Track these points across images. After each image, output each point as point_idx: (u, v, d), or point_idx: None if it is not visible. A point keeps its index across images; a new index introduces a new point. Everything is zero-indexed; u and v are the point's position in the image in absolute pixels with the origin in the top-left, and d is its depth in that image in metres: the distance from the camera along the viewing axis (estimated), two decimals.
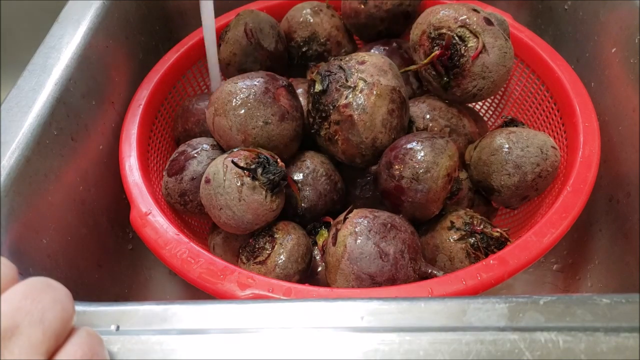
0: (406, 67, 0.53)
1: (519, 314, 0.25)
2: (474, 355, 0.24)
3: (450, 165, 0.41)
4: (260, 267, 0.42)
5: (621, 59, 0.48)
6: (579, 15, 0.56)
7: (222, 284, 0.36)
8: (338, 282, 0.38)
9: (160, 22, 0.65)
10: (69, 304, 0.22)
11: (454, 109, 0.49)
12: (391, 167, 0.42)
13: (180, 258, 0.38)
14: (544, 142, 0.45)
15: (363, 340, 0.25)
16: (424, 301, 0.26)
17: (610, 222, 0.50)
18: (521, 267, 0.36)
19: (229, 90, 0.44)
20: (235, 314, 0.26)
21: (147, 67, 0.56)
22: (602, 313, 0.25)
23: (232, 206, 0.40)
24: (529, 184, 0.44)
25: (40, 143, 0.40)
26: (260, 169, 0.41)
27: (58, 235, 0.41)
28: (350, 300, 0.27)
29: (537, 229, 0.38)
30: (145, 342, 0.25)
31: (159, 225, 0.41)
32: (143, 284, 0.55)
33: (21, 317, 0.20)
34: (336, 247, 0.39)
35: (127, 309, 0.27)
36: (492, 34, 0.44)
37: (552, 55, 0.52)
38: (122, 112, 0.52)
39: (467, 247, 0.41)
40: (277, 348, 0.25)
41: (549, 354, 0.24)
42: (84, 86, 0.47)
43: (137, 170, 0.46)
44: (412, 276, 0.38)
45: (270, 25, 0.55)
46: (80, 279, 0.44)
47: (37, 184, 0.40)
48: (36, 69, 0.44)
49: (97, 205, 0.48)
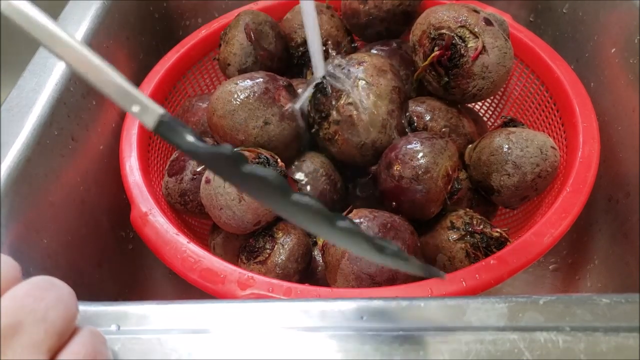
0: (406, 67, 0.53)
1: (518, 313, 0.25)
2: (473, 355, 0.24)
3: (450, 165, 0.41)
4: (260, 267, 0.42)
5: (621, 59, 0.48)
6: (579, 16, 0.56)
7: (223, 284, 0.36)
8: (338, 282, 0.38)
9: (160, 22, 0.65)
10: (72, 303, 0.22)
11: (454, 109, 0.49)
12: (391, 167, 0.42)
13: (180, 258, 0.38)
14: (544, 142, 0.45)
15: (363, 340, 0.25)
16: (423, 301, 0.26)
17: (610, 222, 0.50)
18: (521, 267, 0.36)
19: (229, 90, 0.44)
20: (236, 314, 0.27)
21: (147, 67, 0.56)
22: (601, 313, 0.25)
23: (232, 206, 0.40)
24: (528, 184, 0.44)
25: (40, 143, 0.40)
26: None
27: (58, 235, 0.41)
28: (350, 300, 0.27)
29: (536, 229, 0.39)
30: (146, 342, 0.25)
31: (159, 225, 0.41)
32: (143, 283, 0.55)
33: (24, 315, 0.20)
34: (336, 247, 0.39)
35: (128, 308, 0.27)
36: (492, 34, 0.44)
37: (552, 55, 0.52)
38: (122, 112, 0.52)
39: (466, 247, 0.41)
40: (277, 348, 0.25)
41: (549, 354, 0.24)
42: (84, 86, 0.47)
43: (137, 170, 0.46)
44: (412, 276, 0.38)
45: (270, 25, 0.55)
46: (80, 279, 0.44)
47: (38, 184, 0.40)
48: (36, 69, 0.45)
49: (97, 205, 0.48)
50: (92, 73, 0.22)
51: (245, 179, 0.23)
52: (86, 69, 0.22)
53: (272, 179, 0.22)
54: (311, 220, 0.24)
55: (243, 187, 0.25)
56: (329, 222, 0.23)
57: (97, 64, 0.22)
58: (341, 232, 0.24)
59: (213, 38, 0.58)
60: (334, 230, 0.23)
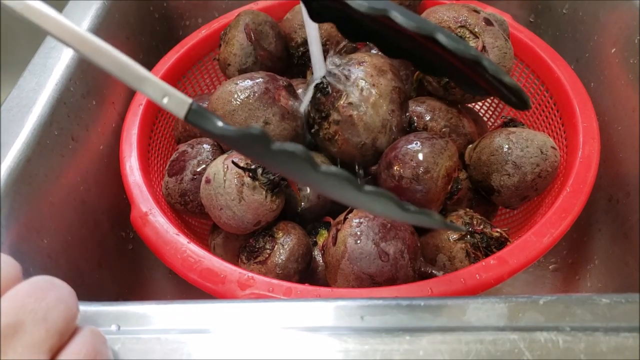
0: (406, 67, 0.53)
1: (518, 313, 0.25)
2: (473, 355, 0.24)
3: (450, 166, 0.41)
4: (260, 267, 0.42)
5: (621, 59, 0.48)
6: (579, 16, 0.56)
7: (223, 284, 0.36)
8: (338, 282, 0.38)
9: (160, 22, 0.65)
10: (72, 302, 0.22)
11: (454, 109, 0.49)
12: (391, 167, 0.42)
13: (180, 258, 0.38)
14: (544, 142, 0.45)
15: (363, 340, 0.25)
16: (423, 301, 0.26)
17: (610, 222, 0.50)
18: (521, 267, 0.37)
19: (229, 90, 0.44)
20: (236, 314, 0.27)
21: (147, 67, 0.55)
22: (601, 313, 0.25)
23: (232, 206, 0.40)
24: (528, 184, 0.44)
25: (40, 143, 0.40)
26: (260, 169, 0.41)
27: (58, 235, 0.41)
28: (350, 300, 0.27)
29: (536, 229, 0.39)
30: (146, 342, 0.25)
31: (159, 225, 0.41)
32: (143, 284, 0.55)
33: (24, 315, 0.20)
34: (336, 247, 0.39)
35: (128, 308, 0.27)
36: (492, 34, 0.44)
37: (552, 55, 0.52)
38: (122, 112, 0.52)
39: (466, 247, 0.41)
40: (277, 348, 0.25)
41: (549, 354, 0.24)
42: (84, 86, 0.47)
43: (137, 170, 0.46)
44: (412, 276, 0.38)
45: (270, 25, 0.55)
46: (80, 279, 0.44)
47: (38, 184, 0.40)
48: (36, 69, 0.45)
49: (97, 205, 0.48)
50: (126, 73, 0.26)
51: (275, 156, 0.24)
52: (121, 71, 0.26)
53: (300, 153, 0.24)
54: (339, 187, 0.25)
55: (274, 164, 0.27)
56: (356, 188, 0.25)
57: (130, 64, 0.26)
58: (368, 195, 0.25)
59: (213, 38, 0.58)
60: (361, 194, 0.25)
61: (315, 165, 0.24)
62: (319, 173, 0.24)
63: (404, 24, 0.29)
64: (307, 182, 0.25)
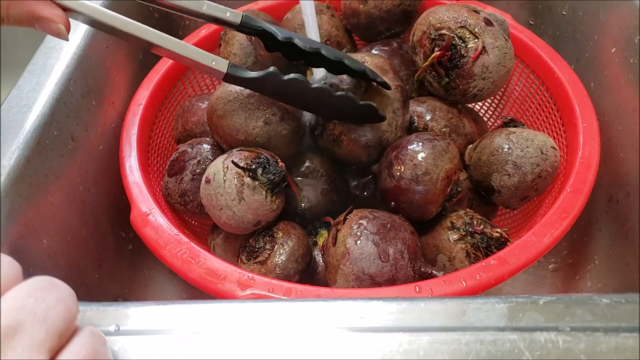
0: (406, 67, 0.53)
1: (518, 314, 0.25)
2: (473, 355, 0.24)
3: (450, 168, 0.41)
4: (260, 267, 0.42)
5: (621, 59, 0.48)
6: (579, 16, 0.56)
7: (223, 284, 0.36)
8: (338, 282, 0.38)
9: (160, 22, 0.65)
10: (72, 303, 0.22)
11: (455, 109, 0.49)
12: (392, 166, 0.42)
13: (180, 258, 0.38)
14: (544, 142, 0.45)
15: (363, 340, 0.25)
16: (423, 301, 0.26)
17: (610, 222, 0.50)
18: (521, 267, 0.36)
19: (229, 90, 0.44)
20: (236, 314, 0.27)
21: (147, 67, 0.56)
22: (601, 313, 0.25)
23: (232, 206, 0.40)
24: (528, 184, 0.44)
25: (40, 143, 0.40)
26: (260, 169, 0.41)
27: (58, 235, 0.41)
28: (350, 300, 0.27)
29: (536, 229, 0.39)
30: (146, 342, 0.25)
31: (159, 225, 0.41)
32: (143, 284, 0.55)
33: (24, 316, 0.20)
34: (336, 247, 0.39)
35: (127, 309, 0.27)
36: (492, 34, 0.44)
37: (552, 55, 0.52)
38: (122, 112, 0.52)
39: (467, 247, 0.41)
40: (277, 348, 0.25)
41: (549, 354, 0.24)
42: (84, 86, 0.47)
43: (137, 171, 0.46)
44: (412, 276, 0.38)
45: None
46: (80, 279, 0.44)
47: (37, 184, 0.40)
48: (36, 69, 0.45)
49: (97, 205, 0.48)
50: (190, 52, 0.38)
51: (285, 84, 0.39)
52: (185, 51, 0.37)
53: (299, 77, 0.39)
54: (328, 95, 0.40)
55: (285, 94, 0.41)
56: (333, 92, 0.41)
57: (189, 46, 0.38)
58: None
59: (213, 38, 0.58)
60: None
61: (309, 82, 0.39)
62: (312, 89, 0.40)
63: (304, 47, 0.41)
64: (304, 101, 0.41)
